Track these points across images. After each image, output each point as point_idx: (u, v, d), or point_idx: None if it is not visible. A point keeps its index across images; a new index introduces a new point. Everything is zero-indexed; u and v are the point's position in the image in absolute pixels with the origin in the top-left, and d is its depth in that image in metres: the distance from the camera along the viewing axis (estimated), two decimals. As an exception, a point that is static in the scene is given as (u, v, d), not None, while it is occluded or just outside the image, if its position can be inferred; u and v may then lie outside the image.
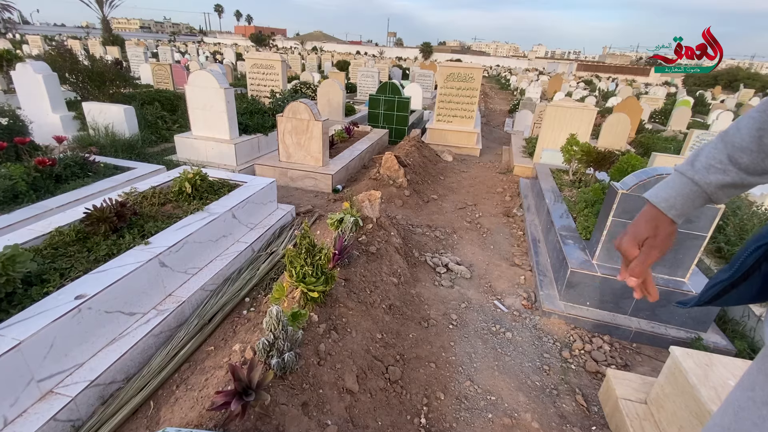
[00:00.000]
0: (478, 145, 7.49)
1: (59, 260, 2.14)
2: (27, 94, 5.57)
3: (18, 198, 3.04)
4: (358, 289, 2.44)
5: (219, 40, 64.31)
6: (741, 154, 0.74)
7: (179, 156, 5.20)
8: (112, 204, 2.46)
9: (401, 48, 76.80)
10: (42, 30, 54.80)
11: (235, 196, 3.15)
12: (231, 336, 2.27)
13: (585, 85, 25.08)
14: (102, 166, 3.74)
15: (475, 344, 2.48)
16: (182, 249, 2.47)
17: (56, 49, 7.31)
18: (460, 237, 3.96)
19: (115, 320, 2.04)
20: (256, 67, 7.87)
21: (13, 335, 1.61)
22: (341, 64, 20.22)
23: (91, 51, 20.15)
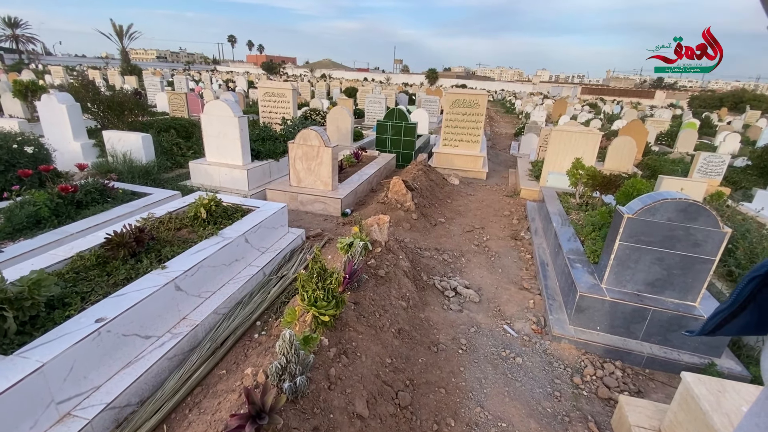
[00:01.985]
0: (484, 169, 7.59)
1: (80, 284, 2.23)
2: (50, 123, 5.83)
3: (41, 223, 3.16)
4: (368, 312, 2.47)
5: (232, 69, 66.72)
6: None
7: (193, 181, 5.36)
8: (131, 229, 2.56)
9: (407, 74, 78.78)
10: (64, 60, 57.47)
11: (248, 221, 3.24)
12: (243, 359, 2.30)
13: (590, 109, 25.37)
14: (120, 192, 3.88)
15: (485, 369, 2.47)
16: (197, 273, 2.54)
17: (79, 80, 7.70)
18: (468, 260, 3.98)
19: (132, 343, 2.09)
20: (268, 95, 8.16)
21: (37, 357, 1.67)
22: (349, 90, 20.80)
23: (111, 81, 21.04)
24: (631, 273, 2.73)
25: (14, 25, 45.22)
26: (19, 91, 7.83)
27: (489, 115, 20.69)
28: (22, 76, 17.92)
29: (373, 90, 19.57)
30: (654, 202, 2.53)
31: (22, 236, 3.02)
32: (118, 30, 36.90)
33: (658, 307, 2.61)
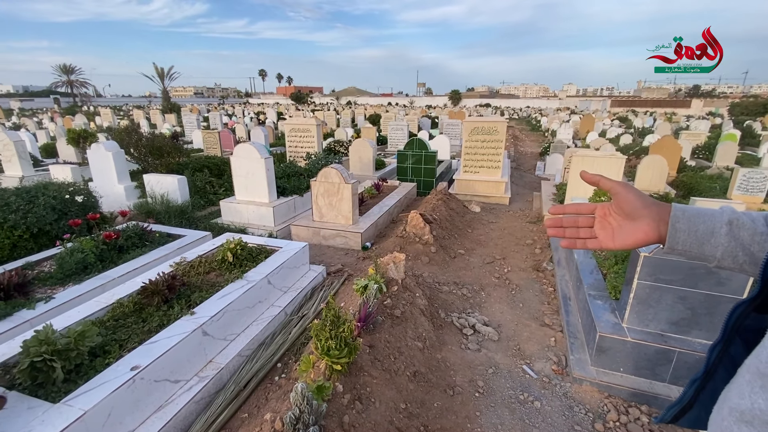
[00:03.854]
0: (506, 194, 7.55)
1: (119, 331, 2.44)
2: (98, 169, 6.42)
3: (87, 269, 3.48)
4: (383, 356, 2.53)
5: (263, 101, 70.26)
6: None
7: (224, 219, 5.68)
8: (164, 277, 2.79)
9: (431, 96, 79.97)
10: (112, 101, 62.73)
11: (271, 263, 3.42)
12: (263, 403, 2.41)
13: (620, 123, 24.69)
14: (157, 235, 4.20)
15: (502, 414, 2.45)
16: (223, 317, 2.71)
17: (125, 126, 8.43)
18: (488, 294, 3.97)
19: (162, 388, 2.25)
20: (294, 131, 8.59)
21: (79, 405, 1.85)
22: (373, 118, 21.40)
23: (152, 119, 22.72)
24: (654, 312, 2.65)
25: (69, 71, 50.09)
26: (72, 138, 8.67)
27: (513, 134, 20.57)
28: (75, 119, 19.73)
29: (396, 116, 20.05)
30: (670, 240, 2.48)
31: (71, 281, 3.33)
32: (160, 72, 40.13)
33: (685, 348, 2.52)
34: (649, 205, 0.74)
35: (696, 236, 0.70)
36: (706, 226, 0.70)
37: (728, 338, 0.70)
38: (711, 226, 0.70)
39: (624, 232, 0.76)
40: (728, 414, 0.60)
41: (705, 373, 0.74)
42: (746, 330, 0.68)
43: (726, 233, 0.68)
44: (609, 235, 0.78)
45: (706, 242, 0.70)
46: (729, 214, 0.70)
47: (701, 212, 0.72)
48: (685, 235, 0.70)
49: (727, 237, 0.68)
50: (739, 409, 0.57)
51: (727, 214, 0.70)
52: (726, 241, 0.68)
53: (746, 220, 0.68)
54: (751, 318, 0.68)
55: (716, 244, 0.69)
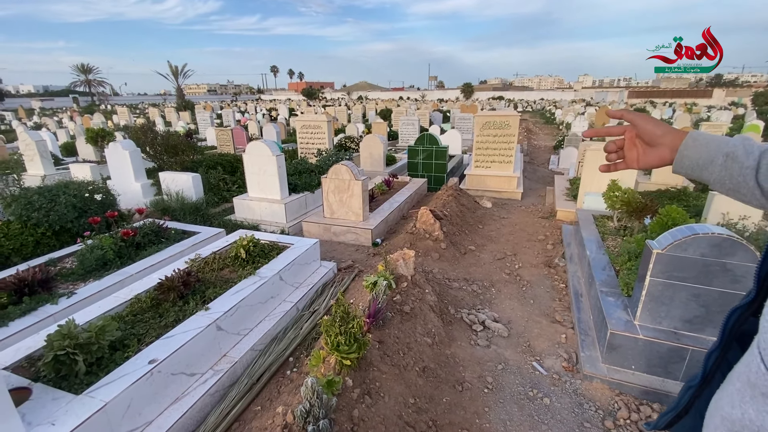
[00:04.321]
0: (519, 189, 7.48)
1: (137, 326, 2.53)
2: (116, 167, 6.59)
3: (107, 265, 3.60)
4: (392, 351, 2.57)
5: (274, 97, 70.71)
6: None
7: (237, 215, 5.78)
8: (180, 273, 2.87)
9: (442, 90, 79.25)
10: (128, 100, 64.02)
11: (283, 259, 3.48)
12: (276, 396, 2.47)
13: (637, 114, 24.04)
14: (173, 232, 4.31)
15: (511, 410, 2.46)
16: (236, 313, 2.78)
17: (141, 124, 8.60)
18: (498, 291, 3.96)
19: (179, 381, 2.33)
20: (305, 127, 8.65)
21: (101, 397, 1.94)
22: (384, 112, 21.33)
23: (167, 117, 23.11)
24: (666, 309, 2.61)
25: (87, 71, 51.27)
26: (91, 137, 8.91)
27: (527, 127, 20.27)
28: (94, 118, 20.20)
29: (407, 111, 19.95)
30: (684, 237, 2.44)
31: (92, 277, 3.45)
32: (174, 70, 40.69)
33: (698, 346, 2.48)
34: (666, 133, 0.85)
35: (697, 163, 0.80)
36: (708, 156, 0.79)
37: (726, 344, 0.70)
38: (712, 156, 0.78)
39: (647, 156, 0.88)
40: (720, 423, 0.60)
41: (702, 379, 0.73)
42: (743, 335, 0.68)
43: (721, 164, 0.77)
44: (634, 157, 0.91)
45: (704, 169, 0.80)
46: (732, 145, 0.77)
47: (710, 141, 0.80)
48: (689, 161, 0.81)
49: (720, 167, 0.77)
50: (730, 418, 0.57)
51: (730, 145, 0.77)
52: (719, 170, 0.77)
53: (741, 153, 0.75)
54: (749, 323, 0.67)
55: (711, 171, 0.78)
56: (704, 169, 0.79)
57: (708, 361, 0.73)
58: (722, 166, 0.76)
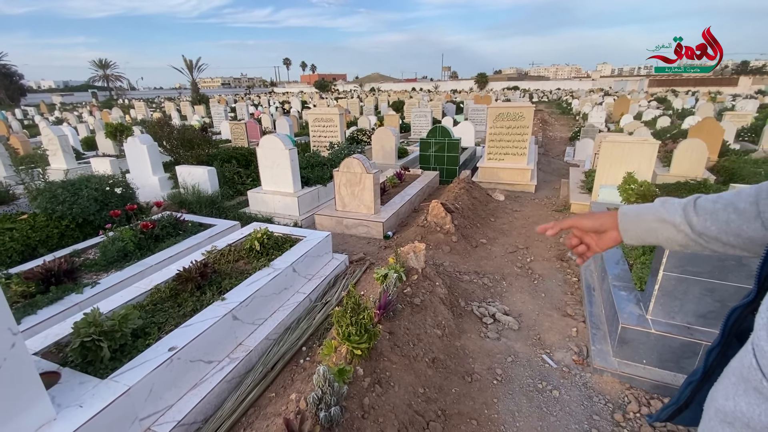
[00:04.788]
0: (532, 181, 7.40)
1: (157, 315, 2.63)
2: (134, 161, 6.77)
3: (127, 256, 3.73)
4: (402, 342, 2.61)
5: (287, 90, 70.93)
6: (693, 210, 0.80)
7: (251, 209, 5.89)
8: (197, 265, 2.96)
9: (456, 80, 78.21)
10: (145, 94, 65.15)
11: (296, 251, 3.55)
12: (289, 384, 2.56)
13: (658, 104, 23.38)
14: (190, 225, 4.43)
15: (520, 402, 2.49)
16: (251, 303, 2.86)
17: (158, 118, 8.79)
18: (509, 284, 3.96)
19: (197, 368, 2.43)
20: (317, 120, 8.70)
21: (125, 381, 2.04)
22: (396, 104, 21.22)
23: (183, 111, 23.47)
24: (680, 304, 2.59)
25: (105, 66, 52.25)
26: (110, 132, 9.14)
27: (542, 118, 19.92)
28: (112, 113, 20.66)
29: (420, 102, 19.80)
30: (699, 231, 2.40)
31: (113, 268, 3.59)
32: (189, 64, 41.20)
33: (711, 341, 2.45)
34: (604, 222, 0.96)
35: (640, 235, 0.90)
36: (646, 226, 0.88)
37: (726, 341, 0.71)
38: (649, 224, 0.87)
39: (602, 241, 0.99)
40: (714, 414, 0.62)
41: (703, 375, 0.75)
42: (743, 332, 0.69)
43: (658, 228, 0.86)
44: (593, 244, 1.02)
45: (649, 236, 0.88)
46: (656, 210, 0.87)
47: (638, 213, 0.90)
48: (633, 234, 0.91)
49: (660, 231, 0.86)
50: (723, 410, 0.59)
51: (657, 211, 0.87)
52: (661, 234, 0.86)
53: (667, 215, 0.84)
54: (747, 321, 0.68)
55: (656, 236, 0.87)
56: (649, 236, 0.88)
57: (709, 357, 0.74)
58: (661, 230, 0.85)
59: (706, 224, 0.77)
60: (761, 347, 0.55)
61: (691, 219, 0.79)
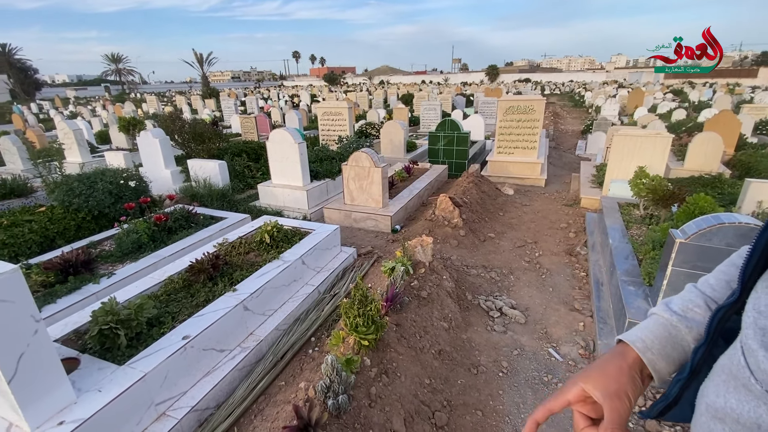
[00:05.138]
0: (542, 176, 7.34)
1: (171, 305, 2.71)
2: (147, 154, 6.89)
3: (141, 248, 3.83)
4: (409, 334, 2.65)
5: (296, 83, 70.96)
6: (715, 304, 0.76)
7: (261, 202, 5.97)
8: (209, 257, 3.03)
9: (466, 73, 77.31)
10: (156, 88, 65.81)
11: (305, 244, 3.61)
12: (298, 373, 2.62)
13: (674, 96, 22.86)
14: (201, 218, 4.52)
15: (525, 394, 2.52)
16: (262, 294, 2.92)
17: (169, 112, 8.91)
18: (516, 278, 3.97)
19: (210, 356, 2.50)
20: (326, 114, 8.72)
21: (141, 368, 2.12)
22: (406, 97, 21.11)
23: (193, 105, 23.68)
24: (689, 299, 2.57)
25: (117, 60, 52.86)
26: (123, 126, 9.29)
27: (554, 111, 19.65)
28: (125, 107, 20.94)
29: (429, 95, 19.66)
30: (709, 226, 2.38)
31: (128, 259, 3.69)
32: (199, 57, 41.45)
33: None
34: (608, 390, 0.68)
35: (676, 363, 0.74)
36: (674, 355, 0.73)
37: (712, 340, 0.73)
38: (675, 345, 0.74)
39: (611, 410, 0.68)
40: (705, 410, 0.64)
41: (690, 372, 0.76)
42: (727, 331, 0.70)
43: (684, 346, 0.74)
44: None
45: (681, 360, 0.74)
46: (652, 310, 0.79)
47: (638, 327, 0.77)
48: (667, 370, 0.73)
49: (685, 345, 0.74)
50: (714, 406, 0.61)
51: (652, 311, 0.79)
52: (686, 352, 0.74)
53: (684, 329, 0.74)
54: (732, 320, 0.70)
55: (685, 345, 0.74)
56: (681, 360, 0.73)
57: (695, 356, 0.76)
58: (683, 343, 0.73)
59: None
60: (749, 345, 0.56)
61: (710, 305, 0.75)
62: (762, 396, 0.53)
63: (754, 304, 0.58)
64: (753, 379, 0.54)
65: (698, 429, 0.65)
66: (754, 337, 0.55)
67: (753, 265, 0.62)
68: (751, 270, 0.63)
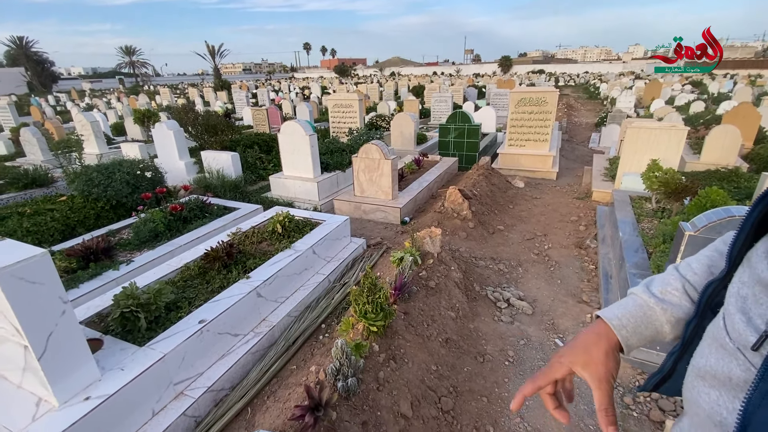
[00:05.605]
0: (554, 168, 7.28)
1: (188, 290, 2.82)
2: (161, 146, 7.03)
3: (158, 237, 3.95)
4: (416, 322, 2.72)
5: (307, 75, 70.92)
6: (693, 288, 0.80)
7: (273, 193, 6.07)
8: (223, 245, 3.13)
9: (479, 64, 76.26)
10: (169, 80, 66.45)
11: (316, 234, 3.68)
12: (309, 358, 2.71)
13: (692, 88, 22.25)
14: (215, 208, 4.63)
15: (530, 382, 2.56)
16: (274, 282, 3.01)
17: (182, 104, 9.04)
18: (525, 270, 3.99)
19: (224, 340, 2.60)
20: (336, 106, 8.75)
21: (160, 349, 2.22)
22: (417, 89, 20.97)
23: (206, 97, 23.90)
24: (697, 292, 2.57)
25: (131, 52, 53.46)
26: (138, 118, 9.47)
27: (567, 102, 19.32)
28: (138, 99, 21.25)
29: (441, 87, 19.50)
30: (719, 219, 2.37)
31: (146, 247, 3.81)
32: (211, 50, 41.65)
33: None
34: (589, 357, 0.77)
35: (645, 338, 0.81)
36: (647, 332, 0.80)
37: (702, 313, 0.77)
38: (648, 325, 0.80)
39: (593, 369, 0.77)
40: (690, 371, 0.69)
41: (682, 345, 0.80)
42: (716, 305, 0.75)
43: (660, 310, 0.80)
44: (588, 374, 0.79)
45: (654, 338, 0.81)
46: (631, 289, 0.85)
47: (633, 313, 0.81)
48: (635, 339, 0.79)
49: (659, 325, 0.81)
50: (697, 366, 0.67)
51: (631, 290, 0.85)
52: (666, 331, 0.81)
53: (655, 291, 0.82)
54: (720, 295, 0.74)
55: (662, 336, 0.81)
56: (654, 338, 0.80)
57: (687, 329, 0.80)
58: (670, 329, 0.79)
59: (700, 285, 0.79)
60: (729, 310, 0.62)
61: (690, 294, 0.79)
62: (734, 353, 0.58)
63: (739, 276, 0.64)
64: (728, 339, 0.60)
65: (685, 390, 0.71)
66: (735, 303, 0.61)
67: (741, 242, 0.67)
68: (739, 246, 0.67)
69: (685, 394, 0.72)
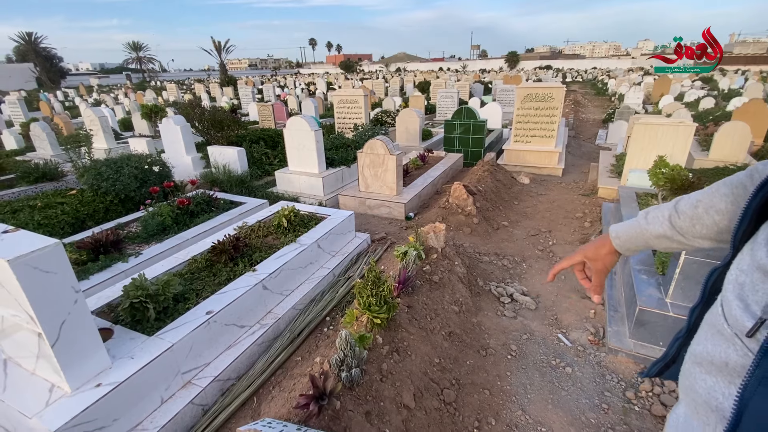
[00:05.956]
0: (560, 165, 7.25)
1: (195, 282, 2.87)
2: (169, 141, 7.10)
3: (166, 230, 4.01)
4: (420, 315, 2.74)
5: (313, 71, 70.85)
6: (677, 216, 0.89)
7: (278, 188, 6.11)
8: (230, 238, 3.17)
9: (485, 60, 75.73)
10: (176, 76, 66.75)
11: (320, 229, 3.72)
12: (314, 349, 2.75)
13: (702, 84, 21.94)
14: (222, 202, 4.68)
15: (532, 376, 2.58)
16: (280, 275, 3.05)
17: (189, 100, 9.11)
18: (529, 266, 4.00)
19: (231, 331, 2.65)
20: (342, 102, 8.77)
21: (169, 339, 2.27)
22: (422, 85, 20.91)
23: (212, 93, 24.01)
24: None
25: (138, 48, 53.70)
26: (145, 113, 9.56)
27: (575, 98, 19.16)
28: (146, 95, 21.39)
29: (446, 83, 19.42)
30: (725, 215, 2.36)
31: (154, 240, 3.87)
32: (217, 45, 41.75)
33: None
34: (602, 242, 1.08)
35: (639, 248, 1.03)
36: (639, 240, 0.99)
37: (707, 299, 0.79)
38: (643, 239, 0.98)
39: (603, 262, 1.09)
40: (688, 358, 0.71)
41: (687, 331, 0.82)
42: (720, 291, 0.76)
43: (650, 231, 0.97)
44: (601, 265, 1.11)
45: (649, 247, 1.00)
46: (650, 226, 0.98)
47: (629, 233, 1.02)
48: (632, 250, 1.04)
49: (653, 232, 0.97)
50: (695, 353, 0.68)
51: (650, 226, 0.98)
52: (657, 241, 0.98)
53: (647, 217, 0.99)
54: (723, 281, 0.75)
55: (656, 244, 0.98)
56: (648, 248, 1.01)
57: (692, 315, 0.82)
58: (657, 243, 0.97)
59: (695, 228, 0.86)
60: (726, 297, 0.63)
61: (680, 227, 0.89)
62: (731, 338, 0.60)
63: (738, 263, 0.65)
64: (726, 325, 0.62)
65: (682, 377, 0.73)
66: (732, 290, 0.62)
67: (743, 230, 0.68)
68: (741, 233, 0.69)
69: (682, 381, 0.74)
